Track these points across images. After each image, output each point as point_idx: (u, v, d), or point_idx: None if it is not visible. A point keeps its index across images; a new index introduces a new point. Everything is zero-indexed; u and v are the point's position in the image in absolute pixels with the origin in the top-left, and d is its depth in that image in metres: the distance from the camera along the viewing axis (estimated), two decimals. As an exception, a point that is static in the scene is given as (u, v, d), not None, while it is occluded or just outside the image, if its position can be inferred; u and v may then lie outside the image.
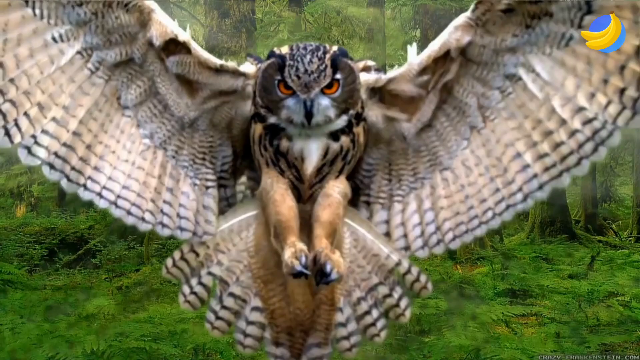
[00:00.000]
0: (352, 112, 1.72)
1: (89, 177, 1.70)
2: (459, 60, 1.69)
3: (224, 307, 1.86)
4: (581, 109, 1.61)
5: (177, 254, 1.86)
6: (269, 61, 1.69)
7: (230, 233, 1.87)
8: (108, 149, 1.71)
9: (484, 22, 1.64)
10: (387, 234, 1.85)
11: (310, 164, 1.75)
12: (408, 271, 1.86)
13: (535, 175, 1.69)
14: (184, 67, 1.71)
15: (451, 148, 1.76)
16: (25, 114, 1.58)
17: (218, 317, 1.86)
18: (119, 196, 1.72)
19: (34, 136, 1.61)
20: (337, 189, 1.79)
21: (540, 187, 1.70)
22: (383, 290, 1.86)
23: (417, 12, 12.58)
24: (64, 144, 1.64)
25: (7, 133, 1.58)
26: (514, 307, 6.37)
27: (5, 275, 6.52)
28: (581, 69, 1.59)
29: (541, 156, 1.67)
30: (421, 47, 1.74)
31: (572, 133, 1.63)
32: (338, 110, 1.69)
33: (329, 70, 1.64)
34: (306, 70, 1.63)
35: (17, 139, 1.59)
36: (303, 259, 1.64)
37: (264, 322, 1.86)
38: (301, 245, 1.67)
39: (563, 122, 1.63)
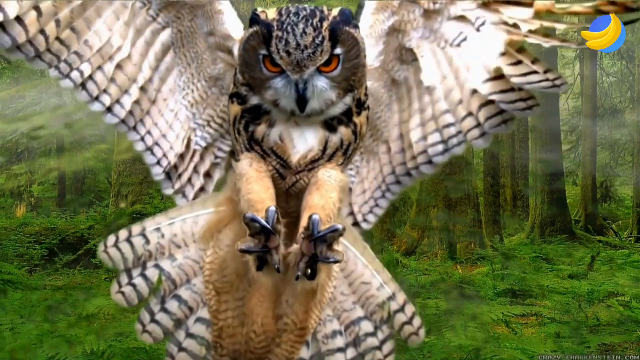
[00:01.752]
0: (355, 93, 1.45)
1: (148, 132, 1.66)
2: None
3: (163, 310, 1.56)
4: (446, 112, 1.60)
5: (122, 233, 1.57)
6: (251, 29, 1.39)
7: (194, 226, 1.58)
8: (165, 102, 1.65)
9: None
10: None
11: (297, 154, 1.47)
12: (401, 309, 1.59)
13: (392, 171, 1.67)
14: (205, 16, 1.60)
15: (390, 120, 1.69)
16: (100, 68, 1.58)
17: (154, 320, 1.56)
18: (156, 143, 1.67)
19: (105, 89, 1.60)
20: (327, 174, 1.48)
21: (397, 181, 1.68)
22: (366, 326, 1.57)
23: (417, 12, 12.56)
24: (126, 91, 1.61)
25: (85, 88, 1.59)
26: (514, 307, 6.36)
27: (5, 275, 6.51)
28: (461, 74, 1.57)
29: (403, 149, 1.66)
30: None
31: (432, 132, 1.62)
32: (339, 90, 1.42)
33: (326, 44, 1.34)
34: (298, 45, 1.32)
35: (95, 93, 1.60)
36: (272, 211, 1.30)
37: (208, 339, 1.55)
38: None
39: (431, 118, 1.62)
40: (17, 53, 1.49)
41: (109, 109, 1.62)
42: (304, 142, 1.47)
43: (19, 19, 1.45)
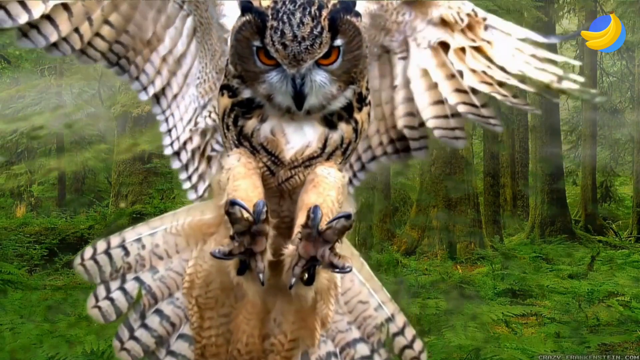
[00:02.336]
0: (356, 86, 1.35)
1: (172, 114, 1.65)
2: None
3: (144, 327, 1.46)
4: (409, 114, 1.54)
5: (100, 245, 1.50)
6: (243, 18, 1.28)
7: (177, 237, 1.48)
8: (187, 88, 1.64)
9: None
10: None
11: (291, 150, 1.35)
12: (401, 332, 1.49)
13: (359, 157, 1.61)
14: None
15: None
16: (140, 53, 1.58)
17: (133, 337, 1.46)
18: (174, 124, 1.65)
19: (144, 70, 1.60)
20: (326, 171, 1.36)
21: (363, 167, 1.62)
22: (362, 350, 1.47)
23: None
24: (159, 72, 1.61)
25: (126, 70, 1.60)
26: (514, 307, 6.36)
27: (5, 275, 6.50)
28: (437, 76, 1.49)
29: (367, 135, 1.58)
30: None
31: (392, 127, 1.56)
32: (339, 83, 1.31)
33: (326, 35, 1.24)
34: (295, 36, 1.22)
35: (135, 74, 1.61)
36: (260, 204, 1.18)
37: (190, 358, 1.45)
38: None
39: (390, 115, 1.55)
40: (55, 51, 1.49)
41: (145, 89, 1.63)
42: (300, 137, 1.35)
43: (51, 20, 1.45)
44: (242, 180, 1.31)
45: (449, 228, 9.71)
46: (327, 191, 1.31)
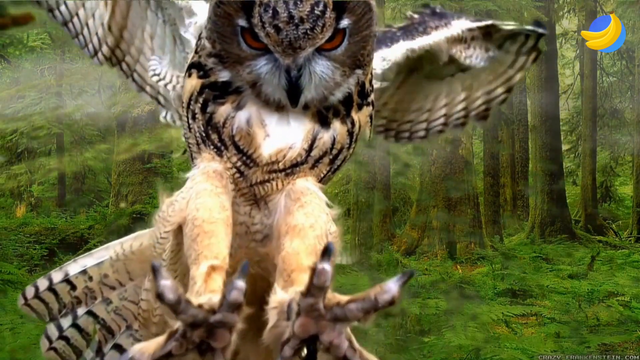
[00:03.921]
0: (361, 73, 1.09)
1: None
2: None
3: None
4: (393, 110, 1.64)
5: (42, 282, 1.33)
6: None
7: (128, 261, 1.29)
8: None
9: (471, 37, 1.42)
10: None
11: (270, 148, 1.07)
12: None
13: None
14: None
15: None
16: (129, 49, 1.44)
17: None
18: None
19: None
20: (314, 187, 1.10)
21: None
22: None
23: (417, 12, 12.58)
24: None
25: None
26: (514, 307, 6.36)
27: (5, 275, 6.50)
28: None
29: None
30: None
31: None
32: (343, 68, 1.06)
33: (329, 16, 0.98)
34: (291, 17, 0.96)
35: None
36: (238, 284, 0.79)
37: None
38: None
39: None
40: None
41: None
42: (283, 132, 1.08)
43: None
44: (208, 198, 1.03)
45: (449, 228, 9.70)
46: (318, 212, 1.04)
